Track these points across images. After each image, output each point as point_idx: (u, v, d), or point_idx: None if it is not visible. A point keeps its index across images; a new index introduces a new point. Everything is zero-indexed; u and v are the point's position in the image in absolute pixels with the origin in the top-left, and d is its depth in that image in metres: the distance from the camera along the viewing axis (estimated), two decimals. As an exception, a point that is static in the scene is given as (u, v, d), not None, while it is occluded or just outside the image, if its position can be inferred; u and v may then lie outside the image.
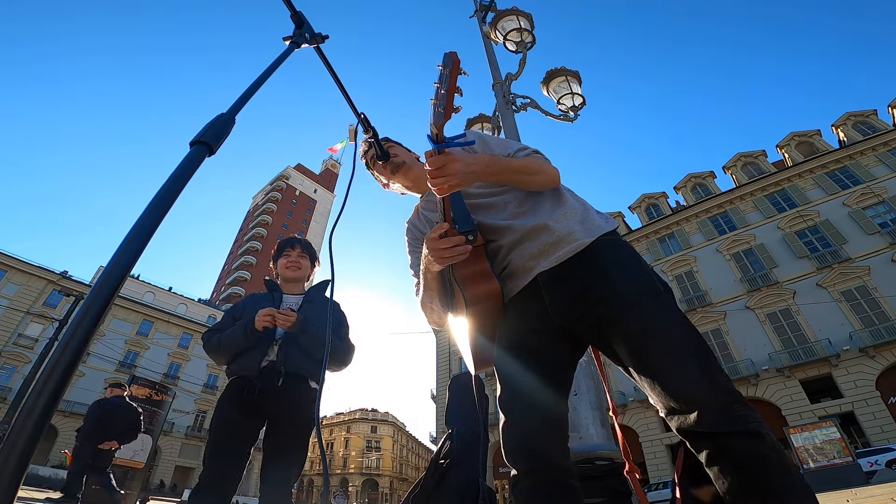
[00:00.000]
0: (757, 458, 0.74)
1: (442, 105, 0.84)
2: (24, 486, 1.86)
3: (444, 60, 0.85)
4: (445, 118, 0.85)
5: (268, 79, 0.79)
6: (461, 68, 0.84)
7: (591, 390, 2.49)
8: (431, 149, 0.91)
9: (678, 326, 0.88)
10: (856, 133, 21.33)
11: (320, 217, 66.17)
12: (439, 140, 0.89)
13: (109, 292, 0.46)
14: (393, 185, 1.41)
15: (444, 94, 0.84)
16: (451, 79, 0.82)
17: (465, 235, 1.02)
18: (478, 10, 5.24)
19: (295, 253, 2.14)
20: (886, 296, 16.47)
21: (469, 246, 1.01)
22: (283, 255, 2.14)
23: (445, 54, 0.85)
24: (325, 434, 56.19)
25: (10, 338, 24.84)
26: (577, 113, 4.46)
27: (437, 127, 0.87)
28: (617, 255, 1.00)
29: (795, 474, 0.74)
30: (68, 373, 0.41)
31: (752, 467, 0.74)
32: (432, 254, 1.03)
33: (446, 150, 0.92)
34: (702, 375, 0.81)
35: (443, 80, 0.85)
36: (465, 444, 2.65)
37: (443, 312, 1.23)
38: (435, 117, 0.86)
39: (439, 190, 0.94)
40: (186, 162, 0.59)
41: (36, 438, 0.38)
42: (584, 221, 1.05)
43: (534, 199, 1.12)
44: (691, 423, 0.79)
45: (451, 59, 0.84)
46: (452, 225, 1.05)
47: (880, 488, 5.89)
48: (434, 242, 1.02)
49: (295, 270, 2.11)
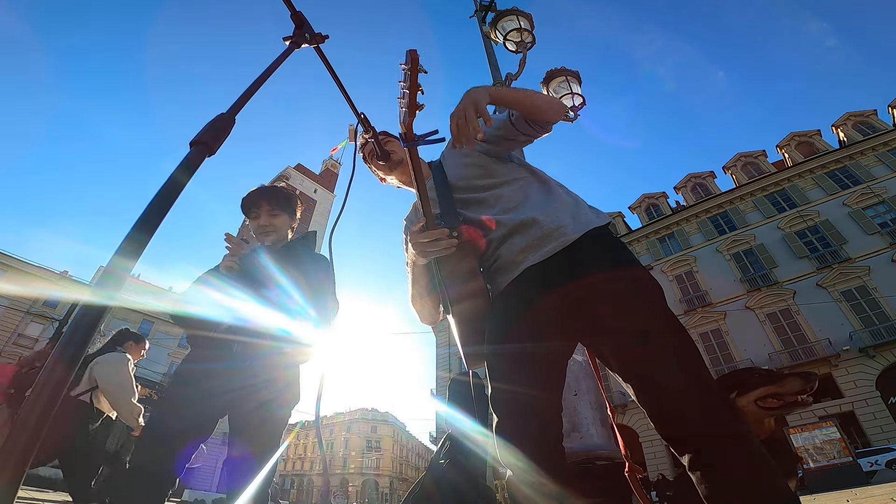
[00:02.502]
0: (739, 464, 0.71)
1: (406, 104, 0.85)
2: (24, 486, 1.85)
3: (405, 58, 0.85)
4: (410, 117, 0.86)
5: (268, 79, 0.78)
6: (421, 65, 0.84)
7: (592, 390, 2.49)
8: (403, 146, 0.92)
9: (664, 328, 0.87)
10: (856, 133, 21.31)
11: (320, 217, 66.11)
12: (409, 139, 0.90)
13: (110, 292, 0.46)
14: (390, 179, 1.42)
15: (407, 93, 0.84)
16: (411, 77, 0.83)
17: (451, 231, 1.01)
18: (478, 10, 5.23)
19: (264, 213, 1.75)
20: (886, 296, 16.45)
21: (454, 241, 1.01)
22: (252, 217, 1.77)
23: (407, 52, 0.85)
24: (324, 434, 56.17)
25: (10, 338, 24.83)
26: (578, 113, 4.45)
27: (406, 126, 0.87)
28: (606, 251, 0.99)
29: (780, 481, 0.71)
30: (68, 373, 0.41)
31: (733, 473, 0.71)
32: (414, 247, 1.03)
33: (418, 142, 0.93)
34: (686, 378, 0.80)
35: (405, 79, 0.85)
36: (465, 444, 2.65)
37: (433, 309, 1.22)
38: (402, 116, 0.87)
39: (465, 132, 0.94)
40: (186, 162, 0.59)
41: (36, 438, 0.38)
42: (574, 216, 1.04)
43: (524, 194, 1.12)
44: (674, 426, 0.78)
45: (410, 57, 0.84)
46: (437, 220, 1.04)
47: (880, 488, 5.89)
48: (415, 236, 1.02)
49: (266, 232, 1.76)
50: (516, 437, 0.94)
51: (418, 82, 0.84)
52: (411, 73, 0.83)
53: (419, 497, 2.53)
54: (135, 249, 0.50)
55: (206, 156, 0.62)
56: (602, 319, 0.90)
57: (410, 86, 0.83)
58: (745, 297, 19.41)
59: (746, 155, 24.07)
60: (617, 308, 0.89)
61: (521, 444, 0.93)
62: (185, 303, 1.63)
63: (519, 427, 0.95)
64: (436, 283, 1.15)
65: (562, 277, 0.96)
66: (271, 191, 1.81)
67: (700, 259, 21.77)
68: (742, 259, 20.57)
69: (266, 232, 1.75)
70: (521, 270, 1.01)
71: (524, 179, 1.16)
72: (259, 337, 1.66)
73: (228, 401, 1.64)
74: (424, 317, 1.24)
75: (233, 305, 1.63)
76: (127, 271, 0.49)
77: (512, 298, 1.04)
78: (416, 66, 0.83)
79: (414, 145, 0.91)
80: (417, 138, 0.90)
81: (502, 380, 0.99)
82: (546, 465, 0.91)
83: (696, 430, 0.76)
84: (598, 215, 1.07)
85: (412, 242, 1.03)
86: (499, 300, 1.07)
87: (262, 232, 1.76)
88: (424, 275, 1.16)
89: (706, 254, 21.77)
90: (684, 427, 0.77)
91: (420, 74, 0.84)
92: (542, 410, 0.95)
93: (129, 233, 0.50)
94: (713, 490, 0.72)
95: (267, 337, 1.65)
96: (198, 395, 1.54)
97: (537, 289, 0.99)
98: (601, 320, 0.91)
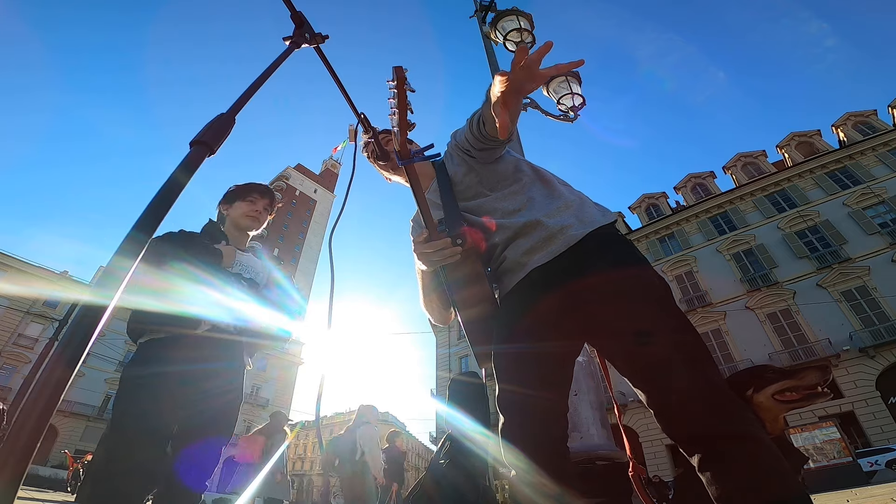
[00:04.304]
0: (751, 463, 0.70)
1: (396, 123, 0.84)
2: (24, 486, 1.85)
3: (391, 74, 0.83)
4: (402, 136, 0.85)
5: (268, 79, 0.78)
6: (408, 83, 0.82)
7: (592, 390, 2.49)
8: (399, 164, 0.91)
9: (670, 326, 0.86)
10: (856, 133, 21.31)
11: (320, 217, 66.12)
12: (403, 156, 0.89)
13: (112, 292, 0.46)
14: (395, 178, 1.42)
15: (396, 112, 0.83)
16: (399, 95, 0.82)
17: (454, 238, 1.01)
18: (478, 10, 5.23)
19: (262, 203, 1.82)
20: (886, 296, 16.45)
21: (458, 248, 1.00)
22: (248, 200, 1.79)
23: (392, 69, 0.83)
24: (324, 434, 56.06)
25: (10, 338, 24.84)
26: (577, 113, 4.45)
27: (399, 144, 0.87)
28: (612, 250, 0.98)
29: (792, 480, 0.70)
30: (68, 373, 0.41)
31: (745, 472, 0.70)
32: (419, 258, 1.03)
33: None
34: (694, 377, 0.79)
35: (394, 97, 0.83)
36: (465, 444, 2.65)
37: (444, 310, 1.22)
38: (394, 135, 0.87)
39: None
40: (186, 162, 0.59)
41: (36, 438, 0.38)
42: (579, 215, 1.03)
43: (527, 196, 1.11)
44: (683, 427, 0.77)
45: (396, 75, 0.82)
46: (439, 227, 1.04)
47: (880, 488, 5.89)
48: (419, 246, 1.01)
49: (254, 221, 1.79)
50: (520, 438, 0.94)
51: (407, 100, 0.82)
52: (398, 91, 0.82)
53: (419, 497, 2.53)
54: (135, 249, 0.49)
55: (206, 156, 0.61)
56: (607, 319, 0.90)
57: (399, 105, 0.82)
58: (745, 297, 19.41)
59: (746, 155, 24.07)
60: (621, 307, 0.88)
61: (524, 445, 0.93)
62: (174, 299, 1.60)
63: (523, 427, 0.95)
64: (443, 286, 1.16)
65: (567, 277, 0.95)
66: (273, 194, 1.90)
67: (700, 259, 21.77)
68: (742, 259, 20.57)
69: (254, 219, 1.80)
70: (528, 272, 1.01)
71: (526, 179, 1.15)
72: (255, 336, 1.68)
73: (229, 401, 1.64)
74: (436, 317, 1.24)
75: (232, 305, 1.63)
76: (127, 271, 0.49)
77: (518, 299, 1.04)
78: (403, 85, 0.82)
79: (408, 163, 0.90)
80: (413, 154, 0.90)
81: (508, 380, 0.99)
82: (548, 465, 0.90)
83: (706, 430, 0.75)
84: (603, 213, 1.06)
85: (417, 253, 1.03)
86: (505, 301, 1.07)
87: (251, 215, 1.79)
88: (432, 279, 1.16)
89: (706, 254, 21.77)
90: (693, 427, 0.76)
91: (409, 93, 0.82)
92: (546, 411, 0.95)
93: (129, 233, 0.50)
94: (725, 490, 0.71)
95: (260, 336, 1.67)
96: (199, 395, 1.54)
97: (543, 289, 0.98)
98: (605, 320, 0.90)
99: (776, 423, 1.27)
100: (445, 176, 1.21)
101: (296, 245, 58.16)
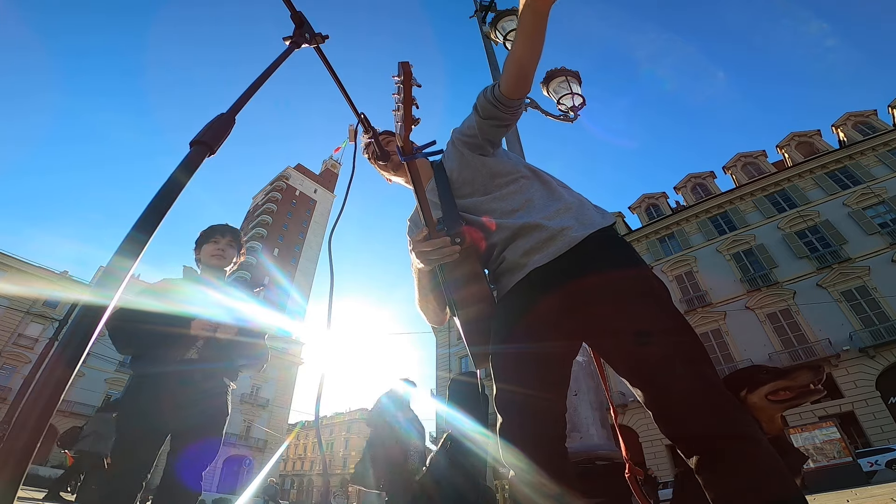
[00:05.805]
0: (749, 463, 0.70)
1: (401, 118, 0.84)
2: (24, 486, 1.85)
3: (398, 70, 0.83)
4: (406, 131, 0.85)
5: (268, 79, 0.78)
6: (414, 78, 0.82)
7: (592, 390, 2.49)
8: (402, 160, 0.91)
9: (668, 327, 0.86)
10: (856, 133, 21.31)
11: (320, 217, 66.09)
12: (406, 152, 0.89)
13: (112, 292, 0.46)
14: (395, 179, 1.42)
15: (401, 107, 0.83)
16: (405, 90, 0.82)
17: (452, 237, 1.01)
18: (478, 10, 5.24)
19: (224, 241, 1.99)
20: (886, 296, 16.44)
21: (457, 247, 1.00)
22: (212, 241, 1.98)
23: (399, 64, 0.83)
24: (324, 434, 56.20)
25: (10, 338, 24.83)
26: (577, 113, 4.45)
27: (402, 140, 0.87)
28: (610, 252, 0.98)
29: (790, 481, 0.70)
30: (68, 373, 0.41)
31: (743, 473, 0.70)
32: (418, 256, 1.03)
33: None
34: (692, 378, 0.79)
35: (399, 92, 0.83)
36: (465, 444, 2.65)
37: (440, 311, 1.22)
38: (398, 129, 0.87)
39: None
40: (186, 162, 0.59)
41: (36, 438, 0.38)
42: (579, 217, 1.03)
43: (526, 197, 1.11)
44: (681, 427, 0.77)
45: (402, 70, 0.82)
46: (438, 226, 1.04)
47: (880, 488, 5.89)
48: (418, 245, 1.01)
49: (220, 259, 1.96)
50: (519, 438, 0.94)
51: (412, 95, 0.82)
52: (404, 86, 0.82)
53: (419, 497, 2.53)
54: (135, 249, 0.50)
55: (206, 156, 0.62)
56: (604, 320, 0.90)
57: (404, 100, 0.82)
58: (745, 297, 19.41)
59: (746, 155, 24.07)
60: (621, 308, 0.89)
61: (522, 445, 0.93)
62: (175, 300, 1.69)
63: (522, 427, 0.95)
64: (441, 286, 1.15)
65: (566, 278, 0.96)
66: (235, 230, 2.11)
67: (700, 259, 21.77)
68: (742, 259, 20.57)
69: (219, 255, 1.98)
70: (527, 272, 1.01)
71: (526, 180, 1.15)
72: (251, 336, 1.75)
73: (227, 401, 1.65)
74: (431, 318, 1.24)
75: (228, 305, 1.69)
76: (127, 271, 0.49)
77: (516, 300, 1.04)
78: (410, 80, 0.82)
79: (411, 158, 0.91)
80: (415, 150, 0.90)
81: (506, 380, 0.99)
82: (548, 465, 0.90)
83: (704, 430, 0.75)
84: (603, 215, 1.06)
85: (415, 251, 1.03)
86: (503, 301, 1.07)
87: (215, 255, 1.97)
88: (429, 278, 1.16)
89: (706, 254, 21.77)
90: (691, 428, 0.76)
91: (414, 88, 0.82)
92: (545, 411, 0.95)
93: (129, 233, 0.50)
94: (723, 490, 0.71)
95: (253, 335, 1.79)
96: (200, 395, 1.54)
97: (542, 290, 0.98)
98: (604, 321, 0.90)
99: (772, 422, 1.27)
100: (443, 175, 1.21)
101: (296, 245, 58.08)
